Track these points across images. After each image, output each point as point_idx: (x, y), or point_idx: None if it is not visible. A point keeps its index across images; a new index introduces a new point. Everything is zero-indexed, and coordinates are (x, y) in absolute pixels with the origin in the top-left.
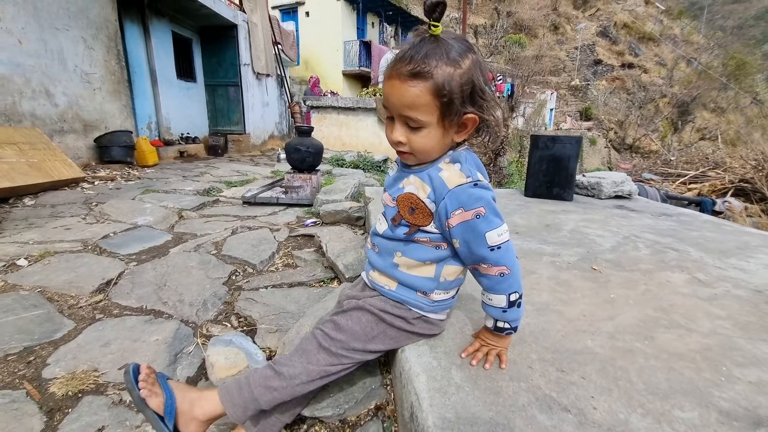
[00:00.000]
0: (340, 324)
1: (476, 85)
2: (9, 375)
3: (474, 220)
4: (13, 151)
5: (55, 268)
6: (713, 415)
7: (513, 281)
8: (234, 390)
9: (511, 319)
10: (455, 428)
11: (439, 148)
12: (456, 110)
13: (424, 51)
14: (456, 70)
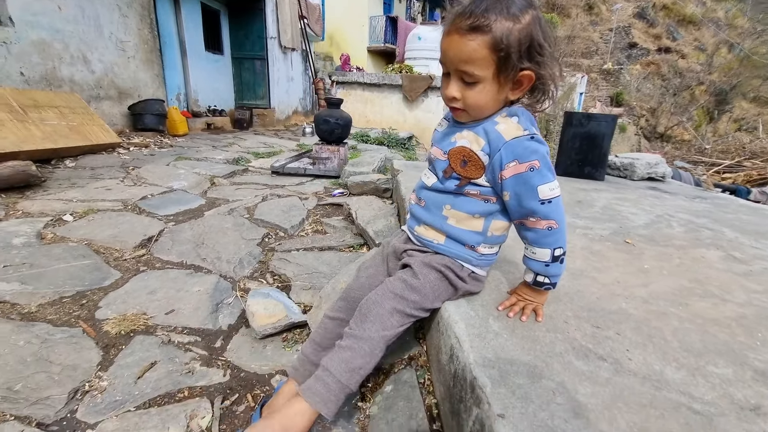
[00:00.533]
0: (413, 284)
1: (535, 41)
2: (65, 315)
3: (527, 172)
4: (55, 115)
5: (99, 224)
6: (748, 372)
7: (559, 236)
8: (320, 389)
9: (552, 273)
10: (495, 366)
11: (493, 105)
12: (512, 65)
13: (484, 5)
14: (515, 25)
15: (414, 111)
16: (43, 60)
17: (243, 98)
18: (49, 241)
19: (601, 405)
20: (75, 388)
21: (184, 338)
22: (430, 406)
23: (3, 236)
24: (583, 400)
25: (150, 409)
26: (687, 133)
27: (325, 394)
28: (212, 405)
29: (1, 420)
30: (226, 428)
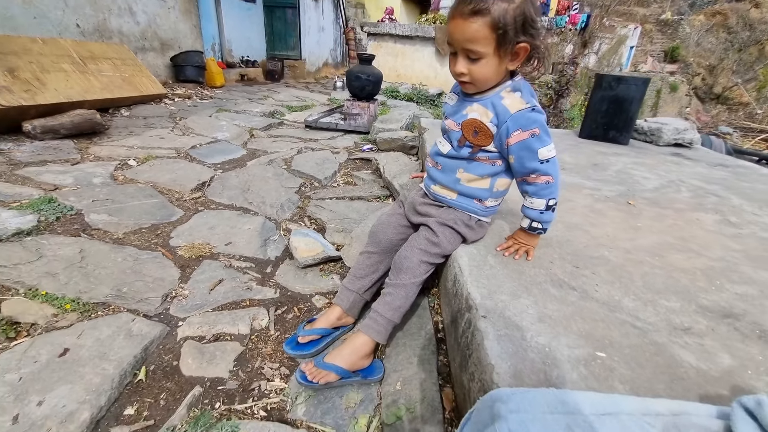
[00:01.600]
0: (434, 240)
1: (527, 17)
2: (146, 241)
3: (530, 138)
4: (109, 66)
5: (159, 169)
6: (692, 306)
7: (554, 189)
8: (373, 325)
9: (545, 220)
10: (486, 287)
11: (495, 77)
12: (510, 40)
13: None
14: (510, 5)
15: (446, 66)
16: (95, 12)
17: (274, 49)
18: (121, 182)
19: (562, 317)
20: (165, 294)
21: (242, 264)
22: (436, 322)
23: (85, 176)
24: (548, 313)
25: (223, 311)
26: (746, 95)
27: (378, 328)
28: (268, 312)
29: (118, 311)
30: (279, 328)
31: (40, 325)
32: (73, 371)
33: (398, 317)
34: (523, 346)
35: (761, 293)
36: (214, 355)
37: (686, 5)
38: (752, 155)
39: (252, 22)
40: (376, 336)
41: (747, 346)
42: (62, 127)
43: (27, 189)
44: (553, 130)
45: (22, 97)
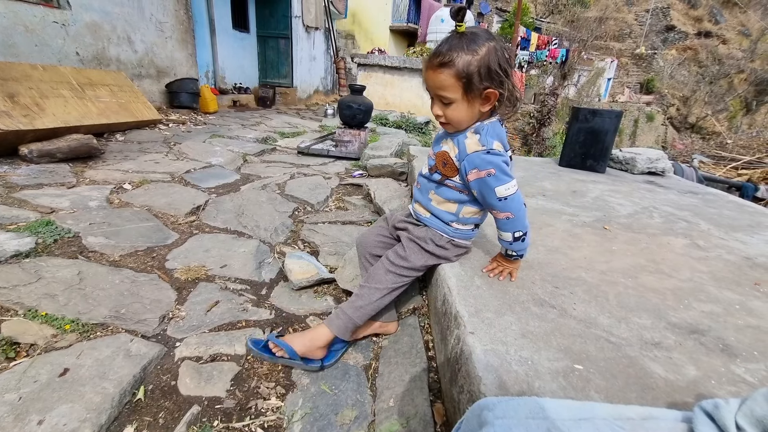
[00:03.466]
0: (401, 254)
1: (492, 67)
2: (142, 264)
3: (486, 177)
4: (106, 92)
5: (155, 193)
6: (662, 323)
7: (516, 223)
8: (335, 319)
9: (516, 249)
10: (473, 306)
11: (469, 118)
12: (476, 87)
13: (448, 46)
14: (473, 57)
15: None
16: (95, 41)
17: (267, 76)
18: (116, 205)
19: (543, 332)
20: (163, 315)
21: (237, 286)
22: (427, 341)
23: (81, 199)
24: (530, 329)
25: (219, 332)
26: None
27: (337, 323)
28: (264, 332)
29: (117, 332)
30: None
31: (39, 346)
32: (73, 390)
33: (359, 317)
34: (508, 360)
35: (725, 311)
36: (212, 374)
37: (659, 41)
38: (722, 183)
39: (246, 51)
40: (336, 330)
41: (711, 359)
42: (59, 151)
43: (24, 212)
44: (535, 158)
45: (20, 122)
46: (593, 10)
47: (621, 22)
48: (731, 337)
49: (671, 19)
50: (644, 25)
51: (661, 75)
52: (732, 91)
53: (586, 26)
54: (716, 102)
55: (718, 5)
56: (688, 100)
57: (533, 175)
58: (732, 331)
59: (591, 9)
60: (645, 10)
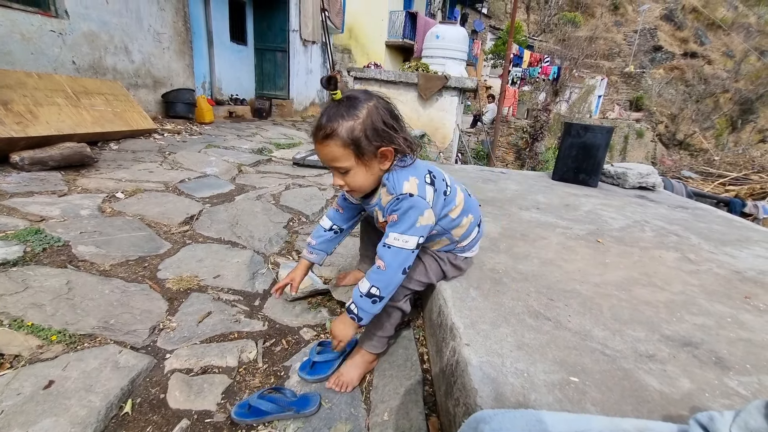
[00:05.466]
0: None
1: (377, 126)
2: (133, 273)
3: (389, 222)
4: (102, 101)
5: (147, 202)
6: (656, 336)
7: (381, 278)
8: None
9: (361, 306)
10: (469, 318)
11: (371, 180)
12: (367, 150)
13: (327, 117)
14: (356, 122)
15: (428, 109)
16: (92, 50)
17: (263, 88)
18: (108, 214)
19: (539, 344)
20: (153, 326)
21: (230, 297)
22: (422, 353)
23: (72, 208)
24: (526, 341)
25: (211, 343)
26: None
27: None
28: (256, 344)
29: (105, 343)
30: (267, 360)
31: (24, 357)
32: (58, 404)
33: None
34: (504, 372)
35: (717, 324)
36: (202, 387)
37: (647, 60)
38: (710, 198)
39: (243, 63)
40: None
41: (704, 371)
42: (51, 159)
43: (13, 219)
44: (528, 172)
45: (13, 129)
46: (584, 30)
47: (610, 41)
48: (724, 350)
49: (658, 39)
50: (633, 45)
51: (650, 93)
52: (718, 110)
53: (577, 45)
54: (703, 120)
55: (702, 27)
56: (676, 117)
57: (527, 188)
58: (724, 344)
59: (581, 28)
60: (633, 30)
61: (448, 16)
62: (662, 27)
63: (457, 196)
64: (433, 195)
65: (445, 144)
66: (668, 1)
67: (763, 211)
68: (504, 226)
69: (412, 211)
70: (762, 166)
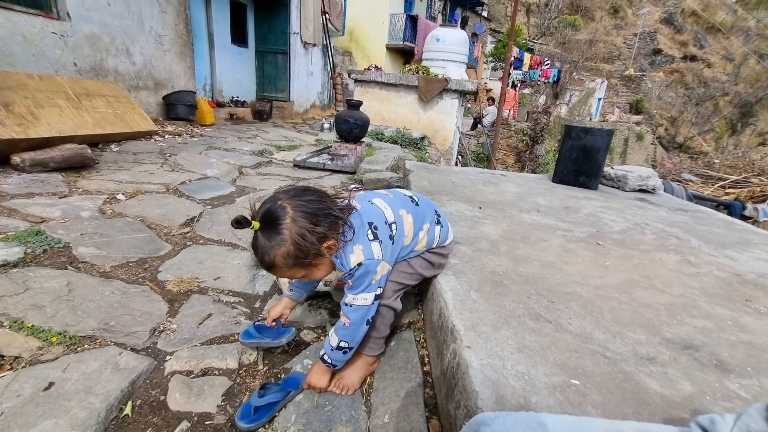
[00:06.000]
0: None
1: (305, 236)
2: (133, 275)
3: (347, 286)
4: (103, 103)
5: (148, 204)
6: (656, 338)
7: (348, 333)
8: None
9: (333, 357)
10: (469, 320)
11: (327, 270)
12: (309, 255)
13: (259, 251)
14: (285, 247)
15: (428, 112)
16: (93, 52)
17: (264, 90)
18: (109, 215)
19: (539, 347)
20: (153, 327)
21: (231, 298)
22: (422, 355)
23: (73, 209)
24: (527, 344)
25: (211, 345)
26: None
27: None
28: (257, 346)
29: (105, 344)
30: (268, 362)
31: (24, 358)
32: (57, 405)
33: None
34: (505, 374)
35: (717, 327)
36: (202, 389)
37: (647, 63)
38: (710, 201)
39: (244, 65)
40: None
41: (705, 374)
42: (52, 161)
43: (13, 221)
44: (529, 175)
45: (14, 131)
46: (584, 33)
47: (610, 44)
48: (725, 352)
49: (658, 42)
50: (632, 48)
51: (650, 96)
52: (718, 113)
53: (577, 48)
54: (703, 123)
55: (702, 31)
56: (675, 120)
57: (528, 190)
58: (725, 346)
59: (582, 32)
60: (633, 33)
61: (449, 19)
62: (662, 30)
63: (405, 225)
64: (380, 247)
65: (446, 146)
66: (668, 5)
67: (763, 214)
68: (504, 229)
69: (365, 276)
70: (762, 169)
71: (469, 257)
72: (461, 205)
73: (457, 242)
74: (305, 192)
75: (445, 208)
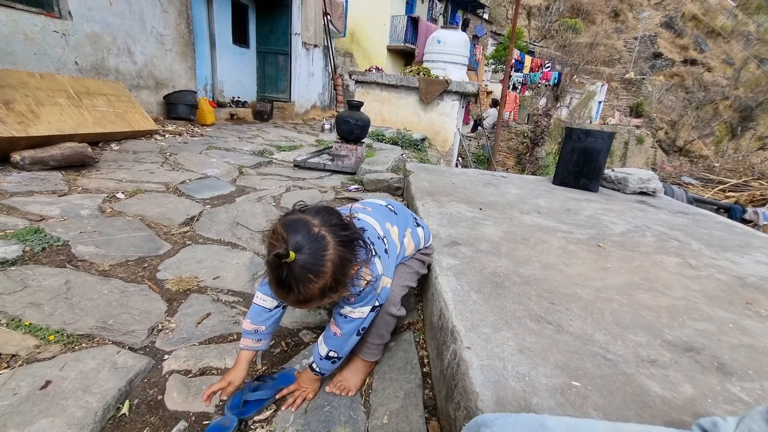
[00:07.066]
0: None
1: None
2: (132, 274)
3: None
4: (104, 102)
5: (148, 203)
6: (657, 341)
7: (337, 344)
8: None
9: (322, 366)
10: (470, 321)
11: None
12: (342, 285)
13: (293, 282)
14: (324, 279)
15: (429, 113)
16: (95, 51)
17: (265, 91)
18: (108, 214)
19: (540, 349)
20: (152, 327)
21: (230, 298)
22: (422, 356)
23: (72, 208)
24: (527, 345)
25: (210, 345)
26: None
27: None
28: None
29: (103, 343)
30: (267, 362)
31: (21, 357)
32: (54, 404)
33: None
34: (505, 375)
35: (719, 329)
36: (201, 389)
37: (647, 66)
38: (711, 204)
39: (245, 66)
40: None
41: (707, 377)
42: (52, 159)
43: (12, 219)
44: (529, 177)
45: (14, 129)
46: (584, 36)
47: (611, 48)
48: (726, 355)
49: (658, 46)
50: (633, 52)
51: (650, 99)
52: (718, 117)
53: (578, 51)
54: (703, 126)
55: (702, 35)
56: (675, 124)
57: (528, 192)
58: (726, 349)
59: (582, 35)
60: (633, 37)
61: (450, 21)
62: (662, 34)
63: (392, 235)
64: (380, 263)
65: (446, 148)
66: (668, 9)
67: (763, 217)
68: (505, 230)
69: (370, 292)
70: (762, 173)
71: (470, 258)
72: (462, 206)
73: (457, 243)
74: (331, 215)
75: (446, 209)
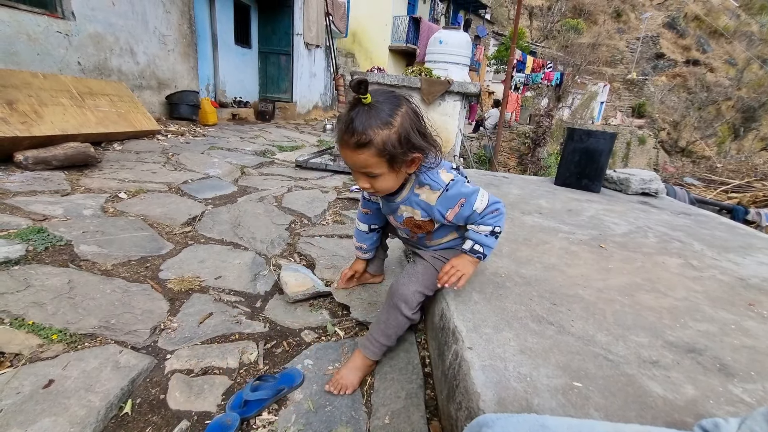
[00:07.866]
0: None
1: (411, 135)
2: (135, 274)
3: (462, 208)
4: (106, 102)
5: (150, 203)
6: (659, 341)
7: (499, 219)
8: (369, 345)
9: (486, 244)
10: (471, 321)
11: (397, 184)
12: (400, 158)
13: (361, 123)
14: (391, 131)
15: (430, 113)
16: (97, 51)
17: (267, 91)
18: (111, 214)
19: (542, 349)
20: (154, 326)
21: (231, 298)
22: (423, 357)
23: (75, 207)
24: (529, 345)
25: (212, 344)
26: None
27: (374, 348)
28: (257, 346)
29: (105, 342)
30: (268, 362)
31: (24, 356)
32: (57, 403)
33: (392, 340)
34: (506, 376)
35: (720, 330)
36: (203, 388)
37: (649, 67)
38: (713, 205)
39: (247, 66)
40: (373, 356)
41: (709, 378)
42: (54, 159)
43: (15, 218)
44: (531, 177)
45: (17, 129)
46: (586, 37)
47: (613, 48)
48: (728, 357)
49: (660, 47)
50: (635, 52)
51: (652, 100)
52: (720, 118)
53: (580, 51)
54: (705, 127)
55: (705, 35)
56: (678, 124)
57: (530, 193)
58: (728, 351)
59: (584, 35)
60: (635, 38)
61: (452, 22)
62: (664, 35)
63: None
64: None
65: (448, 148)
66: (671, 9)
67: (765, 218)
68: (506, 231)
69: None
70: (765, 173)
71: None
72: None
73: None
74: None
75: None
